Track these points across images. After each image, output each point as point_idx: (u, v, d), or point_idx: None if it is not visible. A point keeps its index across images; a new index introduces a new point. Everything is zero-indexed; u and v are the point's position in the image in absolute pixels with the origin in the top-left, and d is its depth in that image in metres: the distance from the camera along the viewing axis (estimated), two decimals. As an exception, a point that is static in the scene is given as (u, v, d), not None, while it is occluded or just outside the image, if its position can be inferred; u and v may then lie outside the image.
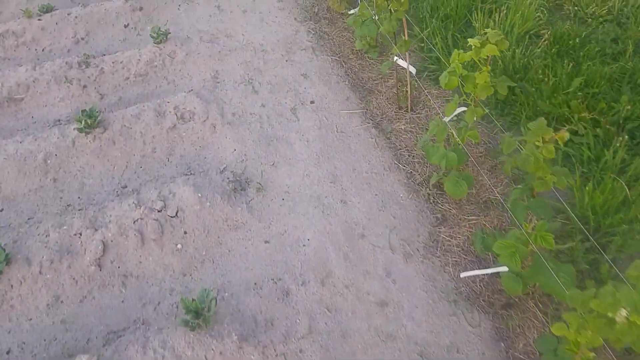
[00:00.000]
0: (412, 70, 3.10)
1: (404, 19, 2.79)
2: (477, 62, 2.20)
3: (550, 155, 1.90)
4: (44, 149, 3.09)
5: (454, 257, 2.50)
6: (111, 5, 4.34)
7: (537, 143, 1.91)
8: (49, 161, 3.07)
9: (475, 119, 2.39)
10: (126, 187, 3.04)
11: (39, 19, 4.19)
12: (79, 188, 3.01)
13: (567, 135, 1.89)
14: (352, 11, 4.18)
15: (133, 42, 4.19)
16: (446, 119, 2.82)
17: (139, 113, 3.32)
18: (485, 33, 2.21)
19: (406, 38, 2.89)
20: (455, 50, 2.20)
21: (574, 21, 3.65)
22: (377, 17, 3.29)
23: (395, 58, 3.02)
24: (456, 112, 2.84)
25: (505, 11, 3.51)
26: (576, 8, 3.67)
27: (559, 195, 2.24)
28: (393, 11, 2.75)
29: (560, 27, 3.48)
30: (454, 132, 2.54)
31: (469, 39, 2.18)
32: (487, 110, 2.47)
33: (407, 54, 2.97)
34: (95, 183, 3.05)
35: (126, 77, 3.75)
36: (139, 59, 3.81)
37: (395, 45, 2.93)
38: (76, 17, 4.23)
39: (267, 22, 4.17)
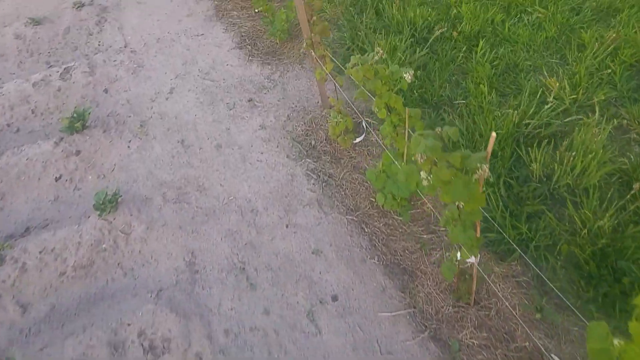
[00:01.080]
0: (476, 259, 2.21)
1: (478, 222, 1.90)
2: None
3: None
4: None
5: None
6: (35, 152, 3.23)
7: None
8: None
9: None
10: None
11: None
12: None
13: None
14: (357, 139, 3.29)
15: (69, 201, 3.09)
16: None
17: (84, 352, 2.22)
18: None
19: (478, 235, 2.00)
20: (608, 333, 1.31)
21: (643, 148, 2.92)
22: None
23: (459, 255, 2.11)
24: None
25: (573, 154, 2.69)
26: (645, 133, 2.94)
27: None
28: (463, 211, 1.84)
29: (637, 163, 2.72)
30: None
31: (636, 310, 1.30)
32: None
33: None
34: None
35: (61, 272, 2.64)
36: (80, 242, 2.72)
37: (461, 250, 2.03)
38: (-15, 175, 3.10)
39: (252, 163, 3.19)
